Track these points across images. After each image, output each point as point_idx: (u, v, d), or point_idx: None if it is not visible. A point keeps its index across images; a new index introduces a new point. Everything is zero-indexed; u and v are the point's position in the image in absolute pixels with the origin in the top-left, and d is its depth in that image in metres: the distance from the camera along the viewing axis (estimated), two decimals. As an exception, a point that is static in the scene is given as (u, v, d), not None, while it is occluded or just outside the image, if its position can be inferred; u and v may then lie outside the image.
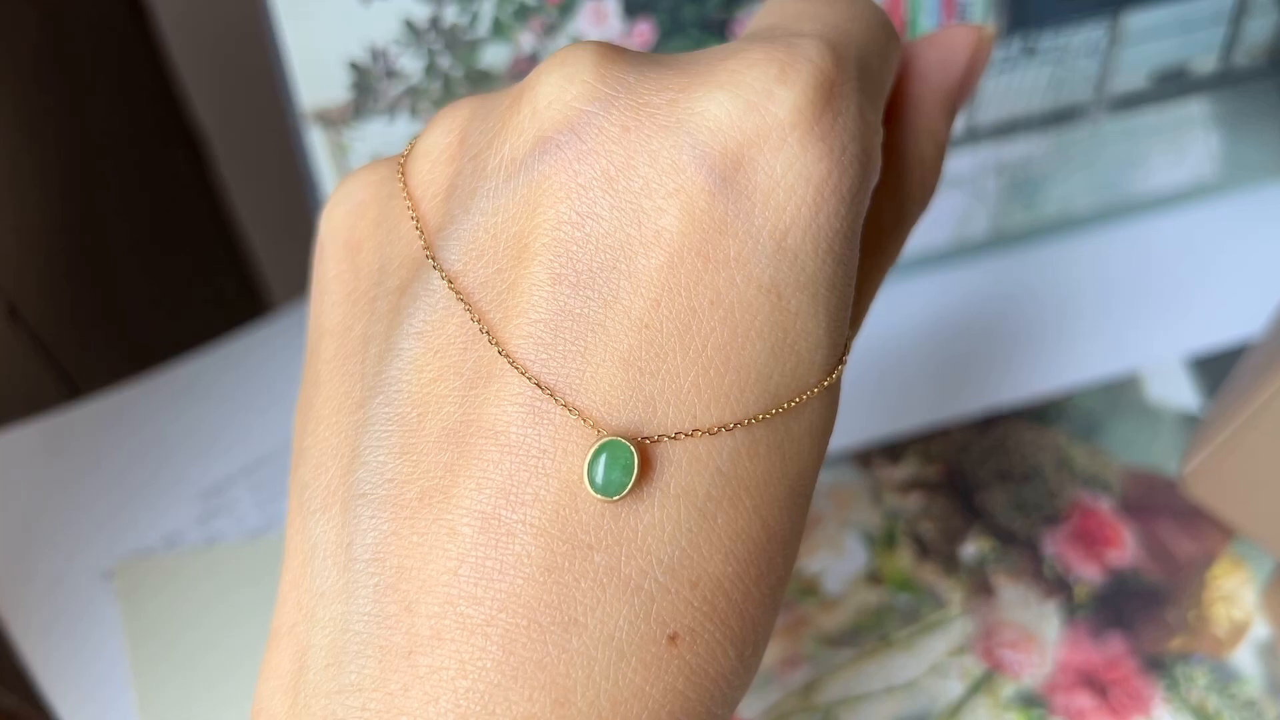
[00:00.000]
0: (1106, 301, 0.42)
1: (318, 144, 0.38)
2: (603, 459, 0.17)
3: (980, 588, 0.37)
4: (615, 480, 0.17)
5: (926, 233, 0.43)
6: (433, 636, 0.17)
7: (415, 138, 0.21)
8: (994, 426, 0.40)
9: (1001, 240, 0.44)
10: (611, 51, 0.19)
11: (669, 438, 0.18)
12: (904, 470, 0.39)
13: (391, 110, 0.37)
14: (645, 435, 0.18)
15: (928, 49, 0.23)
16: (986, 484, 0.39)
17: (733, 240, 0.18)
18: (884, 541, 0.38)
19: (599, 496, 0.17)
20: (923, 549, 0.38)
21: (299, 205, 0.48)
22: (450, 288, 0.19)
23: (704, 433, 0.18)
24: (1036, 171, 0.42)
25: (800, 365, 0.18)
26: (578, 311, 0.18)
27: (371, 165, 0.21)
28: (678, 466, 0.18)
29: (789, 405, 0.18)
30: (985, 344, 0.42)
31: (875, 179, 0.20)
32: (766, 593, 0.18)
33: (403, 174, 0.21)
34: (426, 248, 0.19)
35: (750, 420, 0.18)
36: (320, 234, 0.21)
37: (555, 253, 0.18)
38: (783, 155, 0.18)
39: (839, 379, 0.19)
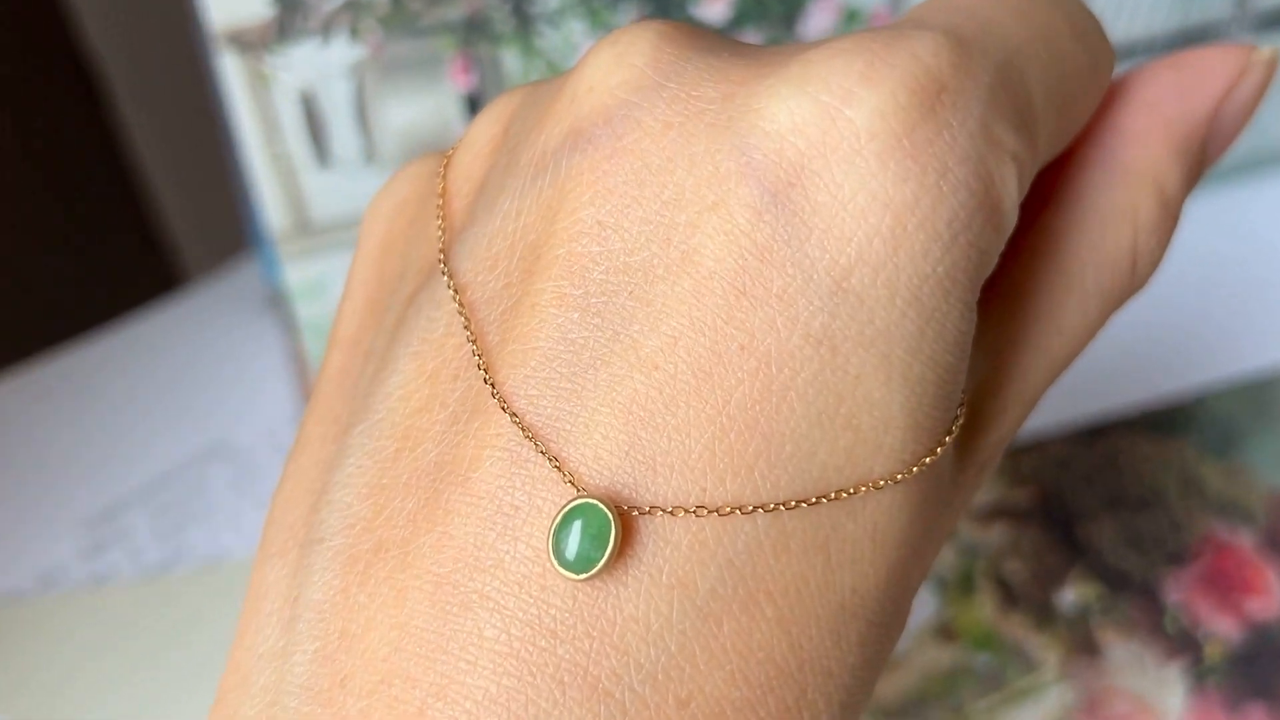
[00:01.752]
0: (1251, 276, 0.42)
1: (232, 73, 0.37)
2: (575, 526, 0.17)
3: (1083, 645, 0.36)
4: (584, 554, 0.17)
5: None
6: None
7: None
8: (1101, 438, 0.40)
9: None
10: (675, 32, 0.19)
11: (665, 511, 0.17)
12: (984, 495, 0.39)
13: (326, 31, 0.36)
14: (635, 504, 0.17)
15: (1165, 70, 0.22)
16: (1092, 512, 0.38)
17: (778, 272, 0.18)
18: (958, 585, 0.37)
19: (564, 572, 0.17)
20: (1009, 595, 0.37)
21: (216, 153, 0.47)
22: (455, 301, 0.19)
23: (712, 512, 0.17)
24: (1156, 109, 0.41)
25: (859, 446, 0.18)
26: (580, 341, 0.18)
27: (424, 157, 0.23)
28: (674, 549, 0.18)
29: (838, 495, 0.18)
30: None
31: (1005, 223, 0.19)
32: None
33: (445, 166, 0.22)
34: (442, 250, 0.20)
35: (778, 505, 0.18)
36: (360, 232, 0.23)
37: (567, 268, 0.18)
38: (854, 171, 0.18)
39: (931, 475, 0.19)
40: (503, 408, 0.18)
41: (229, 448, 0.42)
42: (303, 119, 0.38)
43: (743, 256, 0.18)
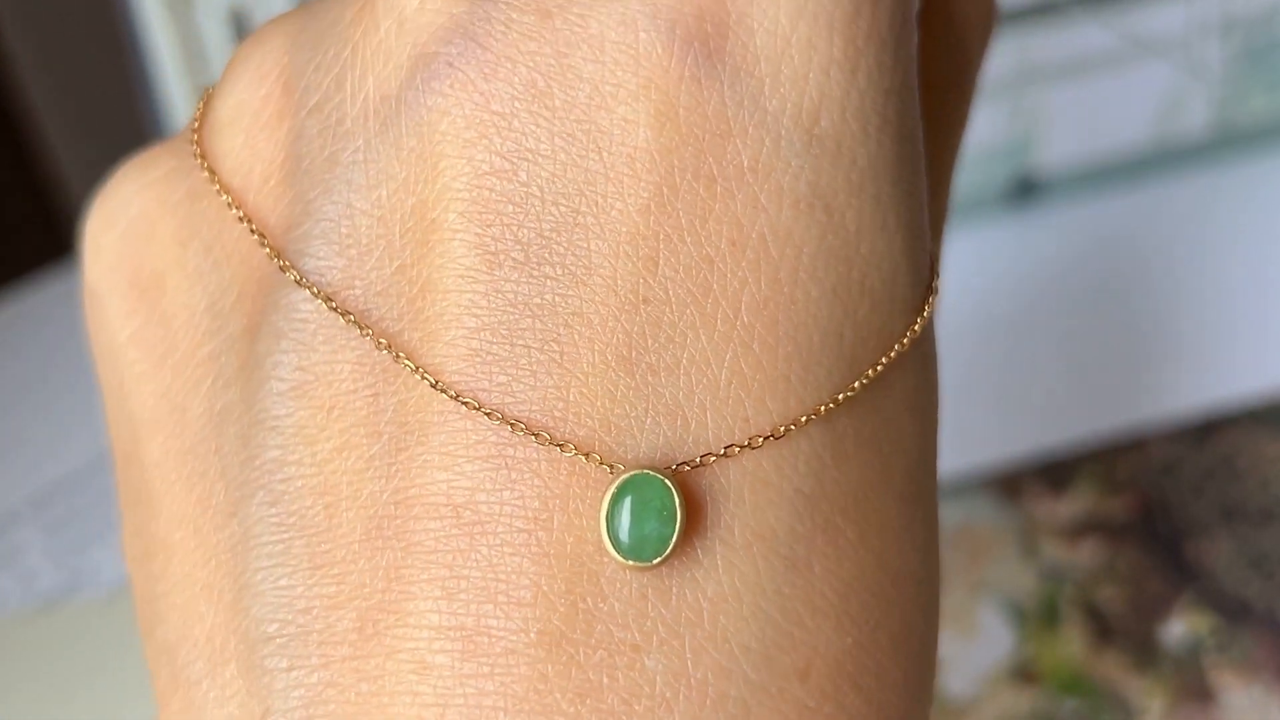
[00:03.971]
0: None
1: (146, -16, 0.37)
2: (626, 505, 0.18)
3: (1194, 689, 0.36)
4: (652, 534, 0.17)
5: (1114, 126, 0.42)
6: None
7: (204, 96, 0.22)
8: (1215, 435, 0.39)
9: (1229, 139, 0.43)
10: None
11: (718, 456, 0.18)
12: (1072, 505, 0.39)
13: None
14: (681, 461, 0.18)
15: None
16: (1204, 526, 0.38)
17: (743, 142, 0.18)
18: (1041, 616, 0.37)
19: (631, 563, 0.18)
20: (1102, 628, 0.37)
21: (122, 87, 0.46)
22: (331, 309, 0.19)
23: (767, 438, 0.18)
24: (1282, 33, 0.42)
25: (876, 311, 0.19)
26: (536, 301, 0.18)
27: (144, 156, 0.22)
28: (738, 500, 0.18)
29: (874, 372, 0.19)
30: (1201, 302, 0.41)
31: (917, 10, 0.20)
32: (910, 668, 0.19)
33: (202, 156, 0.21)
34: (276, 257, 0.20)
35: (826, 406, 0.18)
36: (86, 280, 0.22)
37: (481, 220, 0.18)
38: None
39: (932, 317, 0.20)
40: (470, 406, 0.18)
41: (140, 448, 0.41)
42: (234, 44, 0.37)
43: (699, 139, 0.18)
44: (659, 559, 0.18)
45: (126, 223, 0.21)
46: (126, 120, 0.48)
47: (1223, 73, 0.42)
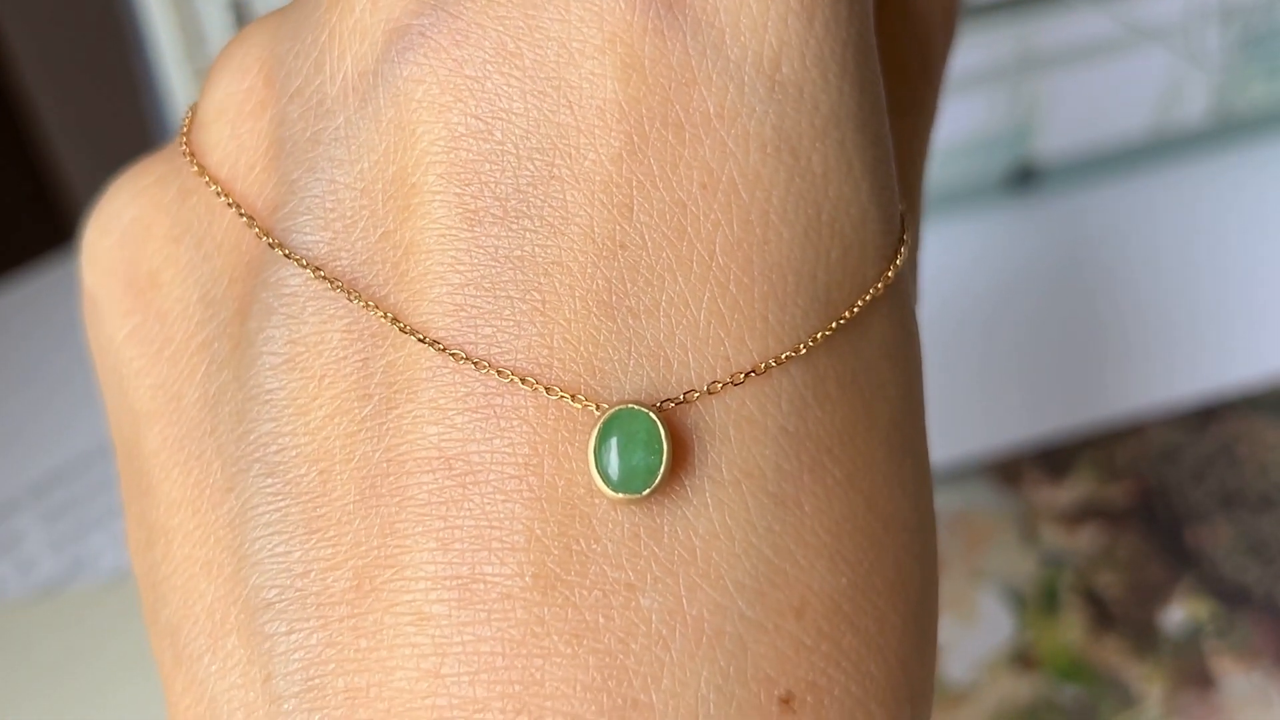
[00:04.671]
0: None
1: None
2: (613, 441, 0.18)
3: (1193, 676, 0.36)
4: (640, 465, 0.18)
5: (1113, 113, 0.42)
6: None
7: (191, 107, 0.22)
8: (1215, 422, 0.39)
9: (1228, 126, 0.43)
10: None
11: (702, 393, 0.18)
12: (1072, 491, 0.39)
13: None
14: (666, 398, 0.18)
15: None
16: (1204, 512, 0.38)
17: (708, 90, 0.19)
18: (1039, 602, 0.37)
19: (621, 496, 0.18)
20: (1102, 614, 0.37)
21: (121, 73, 0.47)
22: (318, 279, 0.19)
23: (750, 374, 0.18)
24: (1282, 20, 0.42)
25: (849, 253, 0.19)
26: (517, 253, 0.19)
27: (137, 166, 0.22)
28: (725, 436, 0.18)
29: (850, 314, 0.19)
30: (1200, 291, 0.41)
31: None
32: (909, 615, 0.19)
33: (190, 154, 0.22)
34: (264, 235, 0.20)
35: (806, 344, 0.19)
36: (85, 287, 0.22)
37: (460, 180, 0.19)
38: None
39: (906, 266, 0.20)
40: (457, 358, 0.18)
41: (140, 435, 0.41)
42: (236, 30, 0.37)
43: (665, 88, 0.19)
44: (649, 489, 0.18)
45: (121, 229, 0.22)
46: (127, 107, 0.49)
47: (1222, 60, 0.42)
